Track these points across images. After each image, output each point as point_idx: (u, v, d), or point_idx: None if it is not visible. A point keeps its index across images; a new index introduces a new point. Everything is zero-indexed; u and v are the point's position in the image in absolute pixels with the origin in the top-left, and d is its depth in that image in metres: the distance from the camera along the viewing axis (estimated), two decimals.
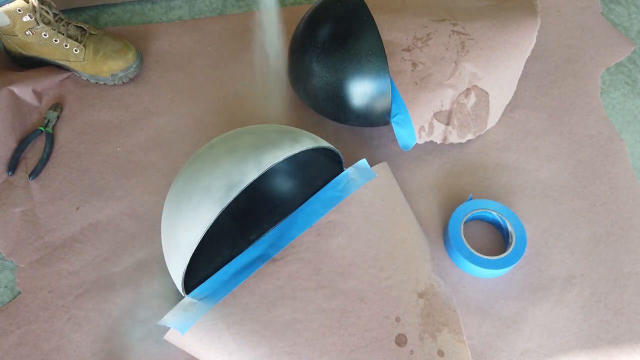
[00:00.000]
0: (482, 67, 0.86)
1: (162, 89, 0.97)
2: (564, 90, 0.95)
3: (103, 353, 0.73)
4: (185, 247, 0.63)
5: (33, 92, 0.94)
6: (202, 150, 0.69)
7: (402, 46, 0.87)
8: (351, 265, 0.73)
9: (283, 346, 0.68)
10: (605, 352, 0.72)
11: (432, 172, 0.87)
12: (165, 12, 1.07)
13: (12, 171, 0.87)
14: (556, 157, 0.88)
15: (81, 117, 0.94)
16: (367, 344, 0.68)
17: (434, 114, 0.83)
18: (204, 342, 0.68)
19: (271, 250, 0.75)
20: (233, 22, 1.05)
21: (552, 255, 0.79)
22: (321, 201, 0.78)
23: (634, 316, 0.75)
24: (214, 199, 0.62)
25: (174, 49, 1.02)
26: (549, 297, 0.76)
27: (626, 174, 0.86)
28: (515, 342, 0.73)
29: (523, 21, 0.90)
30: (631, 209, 0.83)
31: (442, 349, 0.68)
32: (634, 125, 0.92)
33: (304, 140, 0.69)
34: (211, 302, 0.70)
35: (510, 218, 0.78)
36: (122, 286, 0.78)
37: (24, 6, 0.88)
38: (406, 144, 0.83)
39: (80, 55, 0.93)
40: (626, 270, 0.78)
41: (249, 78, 0.97)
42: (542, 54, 0.99)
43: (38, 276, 0.79)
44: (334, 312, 0.70)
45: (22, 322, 0.76)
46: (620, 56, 0.99)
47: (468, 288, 0.77)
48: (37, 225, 0.83)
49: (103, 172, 0.88)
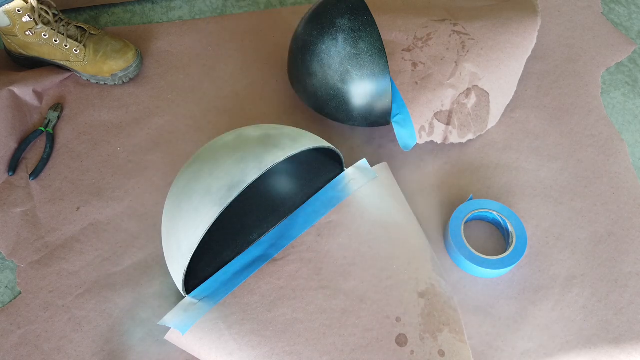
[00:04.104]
0: (483, 67, 0.86)
1: (162, 89, 0.97)
2: (564, 90, 0.95)
3: (104, 353, 0.73)
4: (185, 247, 0.63)
5: (33, 92, 0.94)
6: (202, 151, 0.69)
7: (402, 46, 0.87)
8: (352, 265, 0.73)
9: (283, 346, 0.68)
10: (605, 352, 0.72)
11: (432, 172, 0.87)
12: (166, 12, 1.07)
13: (12, 171, 0.87)
14: (557, 157, 0.88)
15: (81, 117, 0.94)
16: (367, 344, 0.68)
17: (434, 114, 0.83)
18: (205, 342, 0.68)
19: (272, 250, 0.75)
20: (233, 22, 1.05)
21: (552, 255, 0.79)
22: (321, 201, 0.78)
23: (634, 316, 0.74)
24: (214, 199, 0.62)
25: (174, 49, 1.02)
26: (550, 297, 0.76)
27: (627, 173, 0.86)
28: (515, 342, 0.73)
29: (523, 21, 0.90)
30: (632, 208, 0.83)
31: (443, 349, 0.68)
32: (634, 125, 0.92)
33: (304, 140, 0.69)
34: (212, 302, 0.70)
35: (511, 218, 0.78)
36: (122, 286, 0.78)
37: (23, 6, 0.88)
38: (407, 144, 0.83)
39: (80, 55, 0.93)
40: (627, 270, 0.78)
41: (249, 78, 0.97)
42: (543, 54, 0.99)
43: (39, 276, 0.79)
44: (335, 312, 0.70)
45: (22, 322, 0.76)
46: (621, 56, 0.99)
47: (468, 288, 0.77)
48: (38, 225, 0.83)
49: (103, 172, 0.88)
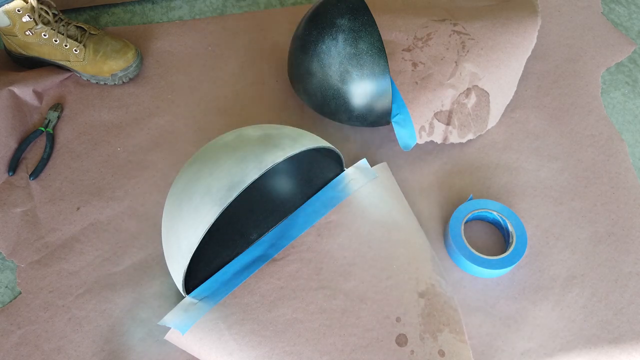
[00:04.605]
0: (483, 67, 0.85)
1: (162, 89, 0.97)
2: (564, 90, 0.95)
3: (104, 353, 0.73)
4: (185, 247, 0.63)
5: (34, 92, 0.94)
6: (202, 150, 0.69)
7: (402, 46, 0.87)
8: (352, 266, 0.73)
9: (284, 346, 0.68)
10: (606, 352, 0.72)
11: (432, 172, 0.87)
12: (166, 12, 1.07)
13: (12, 171, 0.87)
14: (557, 157, 0.88)
15: (82, 117, 0.94)
16: (367, 344, 0.68)
17: (434, 114, 0.83)
18: (205, 342, 0.68)
19: (272, 250, 0.75)
20: (233, 22, 1.05)
21: (552, 255, 0.79)
22: (321, 201, 0.78)
23: (634, 316, 0.74)
24: (214, 199, 0.62)
25: (174, 49, 1.02)
26: (550, 297, 0.76)
27: (627, 173, 0.86)
28: (515, 342, 0.73)
29: (523, 21, 0.90)
30: (632, 208, 0.83)
31: (443, 349, 0.68)
32: (634, 125, 0.92)
33: (304, 140, 0.69)
34: (212, 302, 0.70)
35: (511, 218, 0.78)
36: (122, 286, 0.78)
37: (23, 6, 0.88)
38: (407, 144, 0.83)
39: (80, 55, 0.93)
40: (627, 270, 0.78)
41: (249, 78, 0.97)
42: (543, 54, 0.99)
43: (39, 276, 0.79)
44: (335, 312, 0.70)
45: (22, 323, 0.76)
46: (621, 56, 0.99)
47: (468, 288, 0.77)
48: (38, 225, 0.83)
49: (103, 172, 0.88)
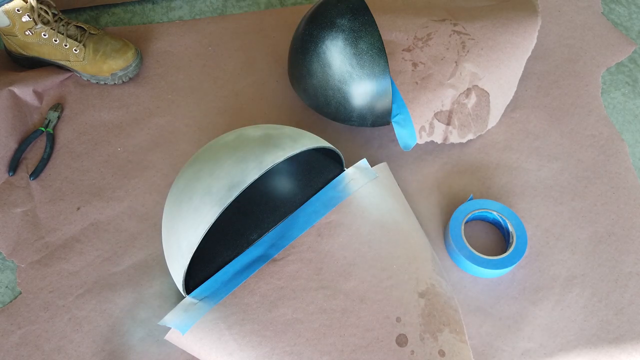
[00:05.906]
0: (483, 67, 0.85)
1: (162, 89, 0.97)
2: (564, 90, 0.95)
3: (104, 353, 0.73)
4: (186, 247, 0.63)
5: (34, 92, 0.94)
6: (202, 150, 0.69)
7: (402, 46, 0.87)
8: (352, 266, 0.73)
9: (284, 346, 0.68)
10: (606, 352, 0.72)
11: (432, 172, 0.87)
12: (166, 12, 1.07)
13: (12, 171, 0.87)
14: (557, 157, 0.88)
15: (82, 117, 0.94)
16: (367, 344, 0.68)
17: (434, 114, 0.83)
18: (205, 342, 0.68)
19: (272, 250, 0.75)
20: (233, 22, 1.05)
21: (552, 255, 0.79)
22: (322, 201, 0.78)
23: (634, 316, 0.74)
24: (214, 199, 0.62)
25: (174, 49, 1.02)
26: (550, 297, 0.76)
27: (627, 173, 0.86)
28: (516, 342, 0.73)
29: (524, 21, 0.90)
30: (632, 208, 0.83)
31: (444, 349, 0.68)
32: (634, 125, 0.92)
33: (304, 140, 0.69)
34: (212, 302, 0.70)
35: (511, 218, 0.78)
36: (122, 286, 0.78)
37: (23, 6, 0.88)
38: (407, 144, 0.83)
39: (80, 55, 0.93)
40: (627, 270, 0.78)
41: (249, 78, 0.97)
42: (543, 54, 0.99)
43: (39, 276, 0.79)
44: (335, 312, 0.70)
45: (23, 323, 0.76)
46: (621, 56, 0.99)
47: (469, 288, 0.77)
48: (38, 225, 0.83)
49: (104, 172, 0.88)
